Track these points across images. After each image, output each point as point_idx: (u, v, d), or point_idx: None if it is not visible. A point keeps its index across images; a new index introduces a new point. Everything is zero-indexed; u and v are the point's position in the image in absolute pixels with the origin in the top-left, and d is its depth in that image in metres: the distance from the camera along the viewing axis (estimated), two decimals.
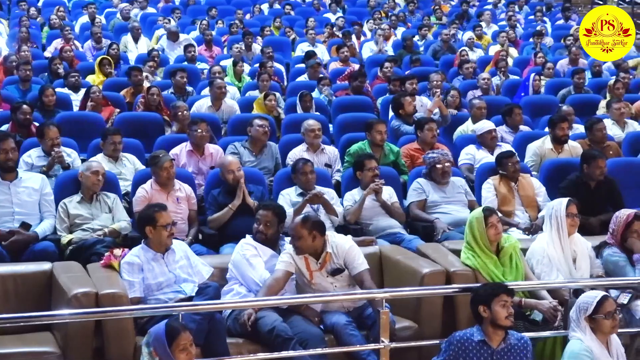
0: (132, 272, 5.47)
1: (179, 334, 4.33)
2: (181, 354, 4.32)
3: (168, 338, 4.31)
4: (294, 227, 5.56)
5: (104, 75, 11.03)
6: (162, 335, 4.32)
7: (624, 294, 5.60)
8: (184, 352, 4.33)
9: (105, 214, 6.74)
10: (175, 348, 4.30)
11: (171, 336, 4.32)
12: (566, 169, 7.67)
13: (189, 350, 4.35)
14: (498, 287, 4.90)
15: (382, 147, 8.06)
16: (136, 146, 8.18)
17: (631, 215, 5.90)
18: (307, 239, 5.51)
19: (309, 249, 5.54)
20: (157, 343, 4.32)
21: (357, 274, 5.54)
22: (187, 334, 4.38)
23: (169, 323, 4.41)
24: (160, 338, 4.32)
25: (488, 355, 4.75)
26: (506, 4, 18.29)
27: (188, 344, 4.35)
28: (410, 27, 16.01)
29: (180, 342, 4.32)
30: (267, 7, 17.46)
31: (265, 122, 8.11)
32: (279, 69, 12.29)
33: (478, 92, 10.84)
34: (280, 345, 5.18)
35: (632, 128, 9.48)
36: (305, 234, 5.49)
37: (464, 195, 7.41)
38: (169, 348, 4.29)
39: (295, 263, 5.54)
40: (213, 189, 7.05)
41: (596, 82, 11.65)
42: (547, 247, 5.86)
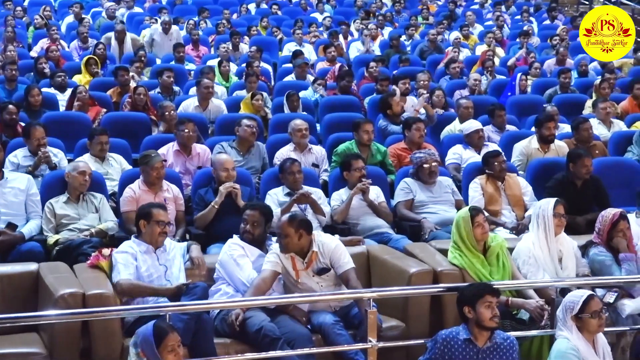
0: (126, 258, 5.50)
1: (167, 334, 4.32)
2: (169, 355, 4.30)
3: (156, 339, 4.29)
4: (280, 226, 5.56)
5: (91, 75, 10.99)
6: (150, 336, 4.31)
7: (610, 293, 5.62)
8: (172, 353, 4.31)
9: (92, 214, 6.71)
10: (163, 349, 4.29)
11: (159, 337, 4.30)
12: (553, 168, 7.70)
13: (177, 351, 4.34)
14: (482, 288, 4.88)
15: (369, 146, 8.07)
16: (123, 146, 8.16)
17: (617, 214, 5.91)
18: (294, 238, 5.52)
19: (295, 248, 5.55)
20: (145, 344, 4.31)
21: (342, 272, 5.55)
22: (175, 334, 4.37)
23: (156, 324, 4.39)
24: (148, 339, 4.30)
25: (474, 353, 4.75)
26: (493, 4, 18.34)
27: (176, 344, 4.34)
28: (397, 27, 16.04)
29: (168, 343, 4.30)
30: (254, 7, 17.45)
31: (253, 123, 8.10)
32: (266, 68, 12.28)
33: (465, 91, 10.88)
34: (268, 345, 5.18)
35: (618, 128, 9.53)
36: (291, 232, 5.51)
37: (451, 194, 7.42)
38: (157, 349, 4.28)
39: (281, 262, 5.54)
40: (200, 189, 7.03)
41: (582, 82, 11.70)
42: (533, 247, 5.88)
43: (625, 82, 11.35)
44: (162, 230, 5.62)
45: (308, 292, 5.54)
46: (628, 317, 5.64)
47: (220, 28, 14.63)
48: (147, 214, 5.67)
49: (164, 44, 13.24)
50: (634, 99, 10.40)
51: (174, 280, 5.56)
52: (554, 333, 5.05)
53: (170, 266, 5.62)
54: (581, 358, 4.75)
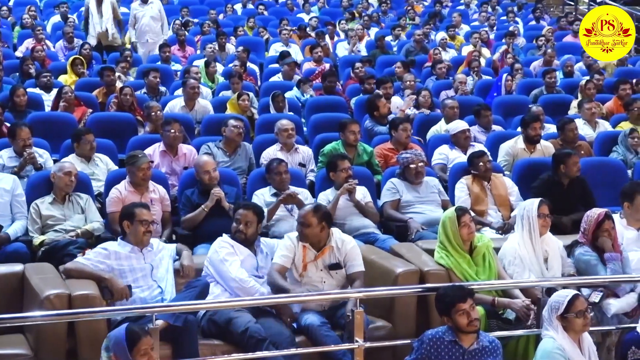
0: (98, 253, 5.52)
1: (140, 338, 4.26)
2: (142, 358, 4.25)
3: (129, 343, 4.23)
4: (304, 215, 5.67)
5: (76, 75, 10.96)
6: (123, 340, 4.24)
7: (595, 292, 5.64)
8: (145, 357, 4.26)
9: (78, 214, 6.69)
10: (137, 353, 4.23)
11: (132, 341, 4.24)
12: (538, 168, 7.72)
13: (150, 355, 4.28)
14: (453, 297, 4.81)
15: (355, 147, 8.08)
16: (109, 147, 8.13)
17: (602, 214, 5.93)
18: (315, 228, 5.63)
19: (313, 239, 5.65)
20: (117, 347, 4.25)
21: (353, 272, 5.66)
22: (148, 338, 4.31)
23: (129, 327, 4.33)
24: (121, 342, 4.24)
25: (460, 354, 4.76)
26: (479, 4, 18.39)
27: (149, 348, 4.28)
28: (383, 28, 16.06)
29: (141, 346, 4.24)
30: (241, 7, 17.44)
31: (240, 123, 8.10)
32: (252, 69, 12.28)
33: (451, 92, 10.90)
34: (254, 346, 5.18)
35: (603, 128, 9.57)
36: (314, 222, 5.62)
37: (438, 195, 7.44)
38: (130, 353, 4.22)
39: (292, 254, 5.61)
40: (187, 189, 7.02)
41: (568, 82, 11.74)
42: (519, 248, 5.90)
43: (610, 82, 11.40)
44: (146, 229, 5.60)
45: (309, 288, 5.59)
46: (613, 316, 5.66)
47: (205, 28, 14.62)
48: (130, 214, 5.65)
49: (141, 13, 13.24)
50: (619, 100, 10.44)
51: (160, 281, 5.55)
52: (539, 333, 5.07)
53: (157, 266, 5.61)
54: (567, 357, 4.77)
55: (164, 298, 5.47)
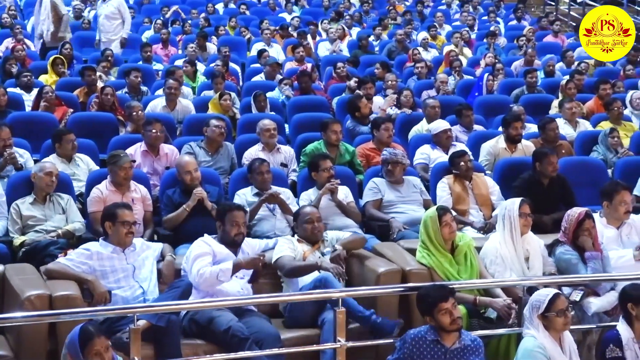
0: (80, 254, 5.50)
1: (93, 338, 4.21)
2: (94, 358, 4.20)
3: (81, 343, 4.20)
4: (314, 213, 6.18)
5: (57, 75, 10.91)
6: (76, 340, 4.21)
7: (576, 291, 5.67)
8: (98, 357, 4.21)
9: (59, 215, 6.66)
10: (88, 353, 4.19)
11: (83, 341, 4.20)
12: (520, 168, 7.75)
13: (103, 356, 4.22)
14: (435, 296, 4.83)
15: (337, 146, 8.08)
16: (90, 147, 8.09)
17: (582, 213, 5.96)
18: (323, 227, 6.23)
19: (319, 235, 6.12)
20: (71, 347, 4.22)
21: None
22: (102, 339, 4.26)
23: (82, 327, 4.29)
24: (74, 342, 4.21)
25: (442, 353, 4.78)
26: (460, 4, 18.44)
27: (102, 349, 4.23)
28: (365, 27, 16.07)
29: (93, 347, 4.19)
30: (222, 7, 17.41)
31: (222, 123, 8.09)
32: (234, 68, 12.26)
33: (432, 91, 10.93)
34: (237, 345, 5.18)
35: (583, 127, 9.62)
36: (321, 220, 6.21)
37: (419, 194, 7.45)
38: (82, 353, 4.19)
39: (294, 247, 6.00)
40: (168, 189, 7.00)
41: (549, 82, 11.79)
42: (500, 247, 5.92)
43: (590, 82, 11.46)
44: (128, 230, 5.59)
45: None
46: (594, 315, 5.70)
47: (186, 27, 14.59)
48: (111, 215, 5.63)
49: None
50: (599, 99, 10.50)
51: (142, 281, 5.54)
52: (521, 331, 5.09)
53: (139, 267, 5.59)
54: (548, 356, 4.79)
55: (147, 298, 5.46)
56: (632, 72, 12.30)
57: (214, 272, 5.51)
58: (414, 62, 12.40)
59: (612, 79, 11.57)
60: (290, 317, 5.72)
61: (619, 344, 5.02)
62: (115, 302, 5.37)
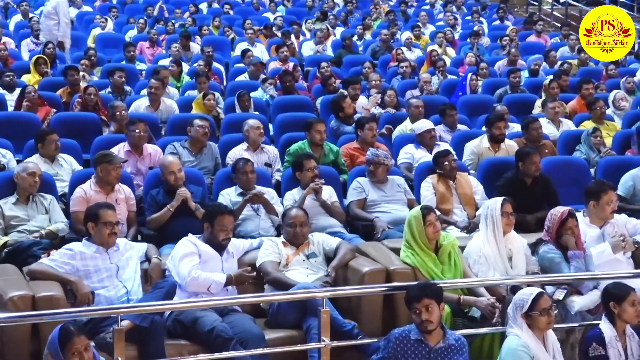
0: (63, 254, 5.48)
1: (72, 338, 4.21)
2: (74, 358, 4.20)
3: (60, 342, 4.20)
4: (301, 216, 6.15)
5: (40, 75, 10.87)
6: (56, 339, 4.21)
7: (559, 290, 5.69)
8: (77, 357, 4.21)
9: (42, 215, 6.63)
10: (68, 352, 4.19)
11: (63, 340, 4.20)
12: (503, 167, 7.78)
13: (83, 355, 4.22)
14: (410, 295, 4.84)
15: (321, 146, 8.08)
16: (73, 147, 8.06)
17: (565, 212, 5.99)
18: (308, 229, 6.19)
19: (304, 238, 6.12)
20: (51, 346, 4.22)
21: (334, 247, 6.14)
22: (82, 338, 4.26)
23: (63, 326, 4.29)
24: (54, 341, 4.21)
25: (426, 352, 4.79)
26: (443, 4, 18.48)
27: (82, 348, 4.23)
28: (349, 27, 16.08)
29: (73, 346, 4.19)
30: (206, 7, 17.38)
31: (205, 123, 8.07)
32: (218, 68, 12.25)
33: (416, 91, 10.95)
34: (221, 345, 5.17)
35: (566, 127, 9.67)
36: (308, 223, 6.21)
37: (404, 194, 7.46)
38: (61, 352, 4.19)
39: (277, 251, 6.01)
40: (152, 189, 6.98)
41: (532, 81, 11.85)
42: (483, 246, 5.94)
43: (573, 82, 11.52)
44: (111, 231, 5.57)
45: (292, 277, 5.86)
46: (577, 313, 5.72)
47: (170, 27, 14.56)
48: (94, 216, 5.61)
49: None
50: (582, 99, 10.55)
51: (126, 281, 5.52)
52: (504, 330, 5.11)
53: (123, 267, 5.58)
54: (531, 355, 4.81)
55: (130, 298, 5.44)
56: (614, 72, 12.37)
57: (207, 280, 5.54)
58: (398, 61, 12.43)
59: (595, 79, 11.63)
60: (273, 319, 5.72)
61: (601, 342, 5.05)
62: (98, 302, 5.36)
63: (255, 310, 5.83)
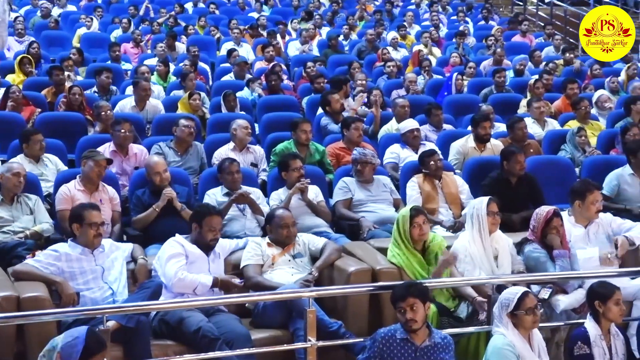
0: (48, 255, 5.46)
1: (101, 350, 4.00)
2: None
3: (85, 352, 3.92)
4: (289, 217, 6.15)
5: (24, 75, 10.83)
6: (80, 345, 3.92)
7: (544, 289, 5.71)
8: None
9: (27, 215, 6.60)
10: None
11: (91, 350, 3.93)
12: (488, 166, 7.79)
13: None
14: (395, 295, 4.85)
15: (307, 146, 8.08)
16: (58, 147, 8.04)
17: (550, 212, 6.00)
18: (295, 230, 6.16)
19: (292, 238, 6.11)
20: (70, 350, 3.93)
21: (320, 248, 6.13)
22: (104, 353, 4.04)
23: (93, 334, 4.03)
24: (76, 346, 3.93)
25: (412, 351, 4.80)
26: (429, 4, 18.51)
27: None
28: (335, 27, 16.09)
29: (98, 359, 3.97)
30: (192, 6, 17.35)
31: (191, 123, 8.06)
32: (204, 68, 12.23)
33: (402, 91, 10.96)
34: (207, 345, 5.17)
35: (551, 126, 9.70)
36: (294, 224, 6.18)
37: (389, 193, 7.47)
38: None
39: (261, 252, 6.01)
40: (137, 190, 6.97)
41: (517, 81, 11.88)
42: (469, 246, 5.95)
43: (558, 82, 11.56)
44: (96, 232, 5.55)
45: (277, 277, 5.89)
46: (562, 312, 5.74)
47: (155, 27, 14.52)
48: (79, 217, 5.58)
49: None
50: (567, 99, 10.59)
51: (112, 282, 5.51)
52: (490, 329, 5.12)
53: (108, 268, 5.56)
54: (517, 354, 4.83)
55: (116, 299, 5.43)
56: (598, 72, 12.42)
57: (193, 282, 5.55)
58: (384, 61, 12.44)
59: (579, 79, 11.68)
60: (259, 319, 5.72)
61: (586, 341, 5.08)
62: (84, 303, 5.34)
63: (241, 311, 5.83)
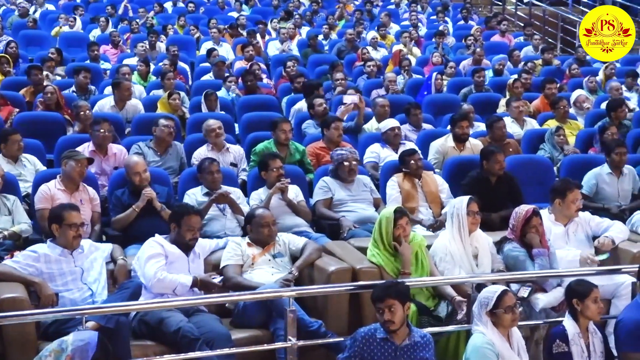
0: (27, 256, 5.43)
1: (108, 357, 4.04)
2: None
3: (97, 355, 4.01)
4: (269, 216, 6.16)
5: (2, 74, 10.76)
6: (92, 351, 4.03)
7: (524, 287, 5.73)
8: None
9: (5, 216, 6.55)
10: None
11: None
12: (468, 166, 7.83)
13: None
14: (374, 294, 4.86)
15: (287, 146, 8.08)
16: (37, 147, 7.99)
17: (530, 210, 6.03)
18: (276, 229, 6.18)
19: (273, 238, 6.11)
20: (82, 353, 4.02)
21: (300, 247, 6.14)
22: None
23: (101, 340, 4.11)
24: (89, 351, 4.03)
25: (392, 351, 4.81)
26: (408, 4, 18.54)
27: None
28: (315, 27, 16.09)
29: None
30: (171, 6, 17.30)
31: (170, 123, 8.03)
32: (183, 67, 12.19)
33: (382, 91, 10.97)
34: (187, 346, 5.15)
35: (530, 126, 9.75)
36: (275, 223, 6.20)
37: (369, 193, 7.48)
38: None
39: (241, 252, 6.00)
40: (117, 190, 6.94)
41: (496, 81, 11.93)
42: (449, 245, 5.97)
43: (537, 81, 11.62)
44: (75, 233, 5.51)
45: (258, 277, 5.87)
46: (541, 311, 5.76)
47: (133, 25, 14.47)
48: (58, 217, 5.54)
49: None
50: (546, 98, 10.65)
51: (91, 283, 5.48)
52: (470, 328, 5.14)
53: (88, 269, 5.53)
54: (496, 352, 4.85)
55: (95, 300, 5.41)
56: (576, 72, 12.49)
57: (173, 282, 5.53)
58: (364, 61, 12.45)
59: (558, 78, 11.74)
60: (239, 319, 5.72)
61: (565, 339, 5.11)
62: (63, 304, 5.31)
63: (221, 311, 5.82)
